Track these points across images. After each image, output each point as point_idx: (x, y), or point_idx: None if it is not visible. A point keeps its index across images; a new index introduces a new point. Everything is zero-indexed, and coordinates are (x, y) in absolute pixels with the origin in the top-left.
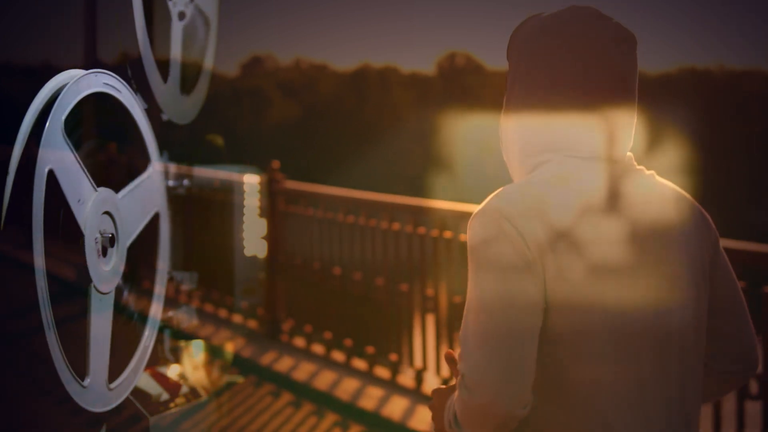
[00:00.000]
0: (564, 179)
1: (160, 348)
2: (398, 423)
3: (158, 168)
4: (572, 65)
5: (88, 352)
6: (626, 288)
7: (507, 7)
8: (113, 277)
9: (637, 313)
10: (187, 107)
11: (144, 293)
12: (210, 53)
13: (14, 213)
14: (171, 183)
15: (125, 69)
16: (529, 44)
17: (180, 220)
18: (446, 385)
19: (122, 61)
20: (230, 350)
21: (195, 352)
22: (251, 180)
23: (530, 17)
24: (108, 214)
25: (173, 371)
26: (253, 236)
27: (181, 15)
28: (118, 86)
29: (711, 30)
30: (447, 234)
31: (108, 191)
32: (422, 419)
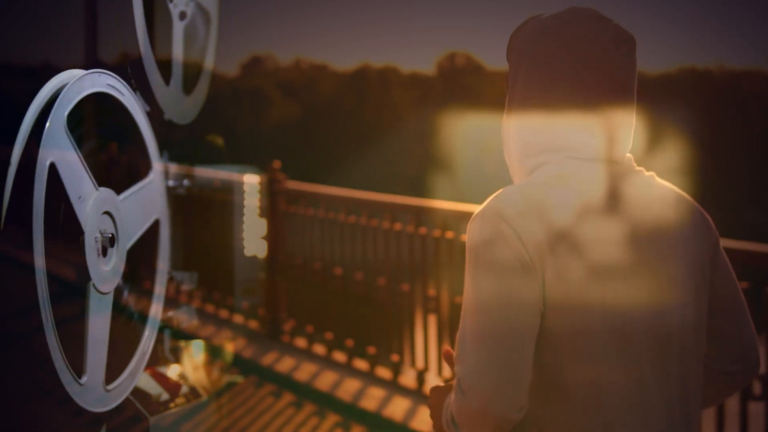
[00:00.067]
0: (564, 180)
1: (160, 348)
2: (400, 424)
3: (159, 173)
4: (572, 66)
5: (86, 351)
6: (626, 288)
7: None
8: (113, 278)
9: (637, 314)
10: (188, 107)
11: (144, 293)
12: (210, 53)
13: (14, 213)
14: (171, 183)
15: (126, 69)
16: (530, 45)
17: (180, 220)
18: (444, 384)
19: (123, 62)
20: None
21: (195, 352)
22: (251, 180)
23: (530, 18)
24: (108, 215)
25: (173, 371)
26: (253, 236)
27: (182, 15)
28: (119, 86)
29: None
30: (449, 234)
31: (109, 191)
32: (424, 420)
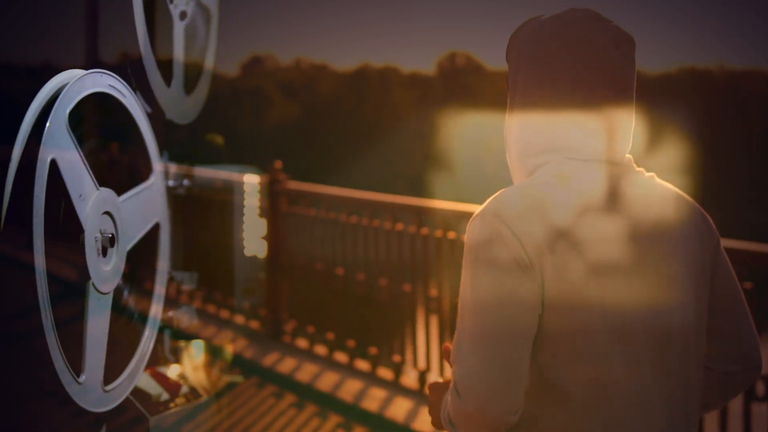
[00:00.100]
0: (564, 180)
1: (160, 348)
2: (402, 424)
3: (160, 176)
4: (572, 67)
5: (85, 350)
6: (626, 288)
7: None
8: (113, 278)
9: (637, 314)
10: (188, 107)
11: (144, 293)
12: (211, 53)
13: (14, 212)
14: (171, 183)
15: (126, 69)
16: (529, 46)
17: (180, 220)
18: (443, 380)
19: (123, 62)
20: (230, 350)
21: (195, 353)
22: (251, 180)
23: (530, 19)
24: (108, 215)
25: (173, 371)
26: (254, 236)
27: (183, 15)
28: (120, 87)
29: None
30: (451, 234)
31: (109, 192)
32: (426, 421)
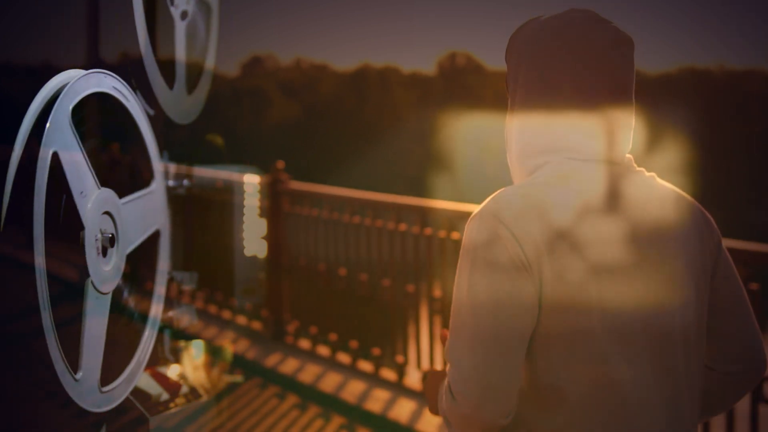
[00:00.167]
0: (563, 181)
1: (160, 348)
2: (405, 426)
3: (162, 184)
4: (572, 67)
5: (82, 348)
6: (625, 288)
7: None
8: (112, 278)
9: (637, 314)
10: (189, 107)
11: (144, 293)
12: (211, 52)
13: (15, 213)
14: (171, 183)
15: (127, 70)
16: (529, 47)
17: (180, 220)
18: (440, 369)
19: (124, 62)
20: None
21: (195, 353)
22: (251, 180)
23: (530, 20)
24: (109, 215)
25: (173, 371)
26: (254, 236)
27: (184, 14)
28: (121, 88)
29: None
30: (454, 235)
31: (110, 192)
32: (429, 421)
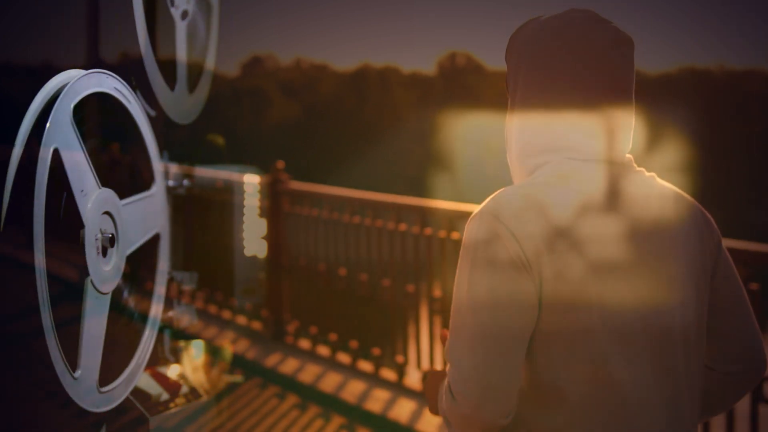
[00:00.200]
0: (563, 180)
1: (160, 348)
2: (405, 426)
3: (162, 188)
4: (572, 67)
5: (81, 346)
6: (625, 288)
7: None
8: (112, 278)
9: (637, 314)
10: (189, 107)
11: (144, 293)
12: (211, 52)
13: (14, 213)
14: (171, 183)
15: (128, 70)
16: (529, 47)
17: (180, 220)
18: (440, 369)
19: (124, 62)
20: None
21: (195, 353)
22: (251, 180)
23: (529, 20)
24: (109, 215)
25: (173, 371)
26: (254, 236)
27: (184, 14)
28: (122, 88)
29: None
30: (455, 235)
31: (111, 192)
32: (429, 422)
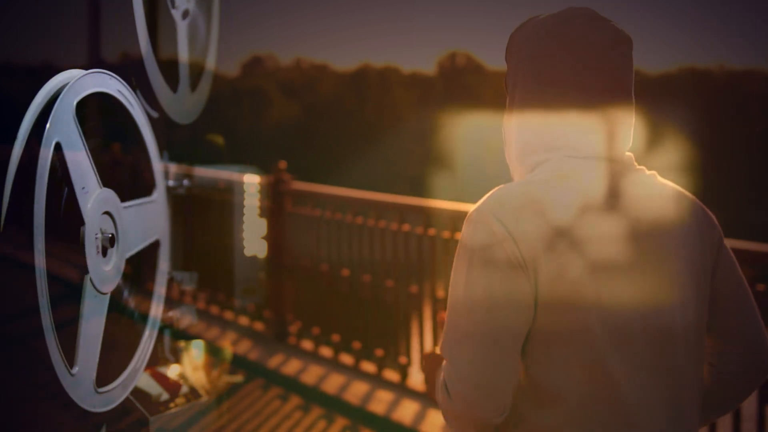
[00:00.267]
0: (563, 178)
1: (160, 348)
2: (409, 427)
3: (164, 194)
4: (570, 65)
5: (78, 344)
6: (624, 287)
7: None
8: (112, 278)
9: (636, 314)
10: (190, 107)
11: (144, 294)
12: (212, 52)
13: (14, 213)
14: (171, 183)
15: (128, 70)
16: (528, 46)
17: (180, 220)
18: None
19: (125, 62)
20: (230, 350)
21: (195, 353)
22: (252, 180)
23: (529, 19)
24: (109, 215)
25: (173, 371)
26: (254, 236)
27: (185, 14)
28: (124, 90)
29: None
30: (458, 235)
31: (112, 193)
32: (433, 423)
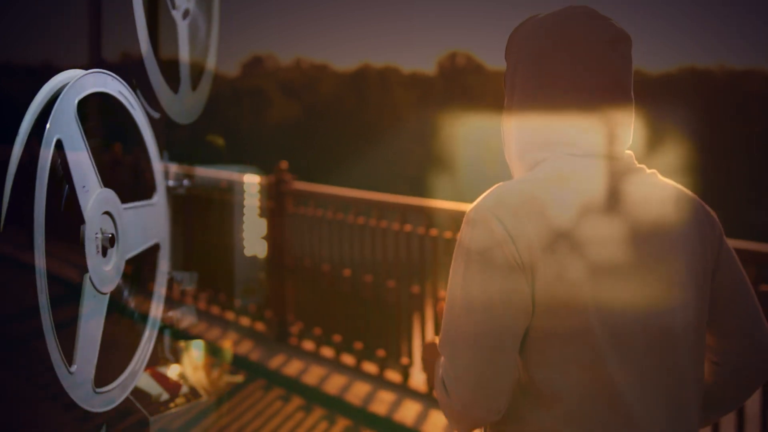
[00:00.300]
0: (562, 177)
1: (161, 348)
2: (411, 428)
3: (164, 198)
4: (570, 64)
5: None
6: (623, 288)
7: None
8: (112, 279)
9: (636, 314)
10: (190, 107)
11: (144, 294)
12: (212, 52)
13: (15, 213)
14: (171, 183)
15: (129, 70)
16: (527, 44)
17: (180, 220)
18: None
19: (125, 62)
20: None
21: (195, 353)
22: (252, 180)
23: (528, 18)
24: (110, 216)
25: (173, 371)
26: (254, 236)
27: (185, 14)
28: (125, 91)
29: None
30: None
31: (112, 193)
32: (435, 423)
